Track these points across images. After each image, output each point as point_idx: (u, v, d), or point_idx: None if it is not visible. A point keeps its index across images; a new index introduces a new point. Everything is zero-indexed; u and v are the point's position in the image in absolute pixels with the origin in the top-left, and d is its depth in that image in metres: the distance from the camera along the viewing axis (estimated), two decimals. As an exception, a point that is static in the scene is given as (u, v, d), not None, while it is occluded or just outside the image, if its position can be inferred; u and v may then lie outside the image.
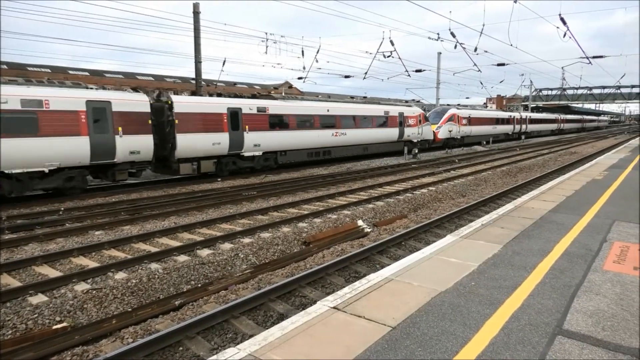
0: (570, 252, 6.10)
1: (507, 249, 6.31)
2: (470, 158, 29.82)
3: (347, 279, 7.59)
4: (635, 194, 10.86)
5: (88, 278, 7.53)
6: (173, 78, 69.58)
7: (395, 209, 13.07)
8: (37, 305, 6.35)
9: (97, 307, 6.56)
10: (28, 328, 5.86)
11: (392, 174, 21.34)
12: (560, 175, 17.86)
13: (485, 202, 13.78)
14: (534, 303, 4.42)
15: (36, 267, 8.12)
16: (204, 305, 6.53)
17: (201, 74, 23.92)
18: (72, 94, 14.83)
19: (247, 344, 3.69)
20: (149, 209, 13.08)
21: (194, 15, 23.17)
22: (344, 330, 3.91)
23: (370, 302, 4.51)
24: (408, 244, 9.56)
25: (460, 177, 19.89)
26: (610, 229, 7.40)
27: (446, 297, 4.60)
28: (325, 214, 12.21)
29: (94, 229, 10.82)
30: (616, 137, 64.11)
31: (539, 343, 3.63)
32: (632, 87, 70.43)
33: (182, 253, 8.87)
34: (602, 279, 5.08)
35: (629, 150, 27.98)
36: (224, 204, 13.85)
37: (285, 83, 58.73)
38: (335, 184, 18.19)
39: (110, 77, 62.39)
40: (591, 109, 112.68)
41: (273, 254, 9.12)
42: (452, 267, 5.56)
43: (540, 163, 26.62)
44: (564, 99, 78.02)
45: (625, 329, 3.87)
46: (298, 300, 6.74)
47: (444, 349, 3.55)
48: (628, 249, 6.29)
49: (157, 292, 7.19)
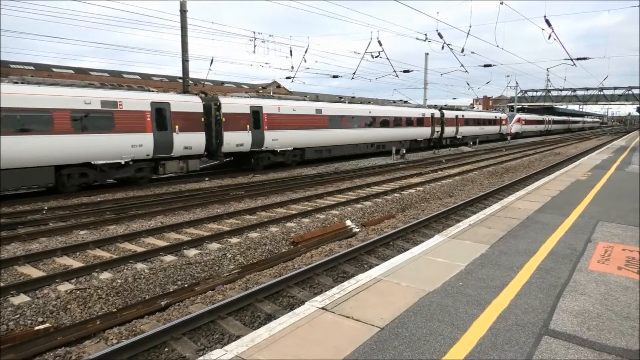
0: (556, 252, 6.17)
1: (494, 249, 6.36)
2: (457, 158, 30.06)
3: (335, 279, 7.58)
4: (617, 195, 11.03)
5: (72, 278, 7.41)
6: (160, 77, 68.92)
7: (384, 209, 13.10)
8: (19, 306, 6.22)
9: (81, 308, 6.45)
10: (9, 329, 5.74)
11: (380, 174, 21.40)
12: (545, 175, 18.08)
13: (473, 202, 13.88)
14: (520, 303, 4.45)
15: (18, 267, 7.96)
16: (191, 306, 6.46)
17: (188, 72, 23.70)
18: (140, 96, 17.09)
19: (234, 345, 3.65)
20: (135, 209, 12.92)
21: (181, 14, 22.95)
22: (332, 331, 3.89)
23: (358, 303, 4.50)
24: (396, 244, 9.58)
25: (448, 177, 20.03)
26: (594, 229, 7.51)
27: (434, 298, 4.60)
28: (313, 214, 12.19)
29: (79, 229, 10.65)
30: (599, 138, 65.19)
31: (525, 343, 3.65)
32: (615, 89, 71.74)
33: (168, 253, 8.77)
34: (587, 279, 5.14)
35: (612, 151, 28.45)
36: (212, 204, 13.75)
37: (274, 82, 58.54)
38: (323, 184, 18.18)
39: (96, 76, 61.60)
40: (575, 111, 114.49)
41: (261, 254, 9.07)
42: (440, 267, 5.58)
43: (526, 164, 26.93)
44: (549, 100, 79.13)
45: (610, 329, 3.92)
46: (286, 300, 6.70)
47: (432, 350, 3.55)
48: (612, 249, 6.38)
49: (142, 293, 7.10)
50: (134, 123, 16.60)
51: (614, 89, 71.92)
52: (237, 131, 20.59)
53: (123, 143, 16.24)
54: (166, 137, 17.61)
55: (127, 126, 16.36)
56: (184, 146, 18.32)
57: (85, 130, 15.20)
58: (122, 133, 16.18)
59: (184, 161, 18.83)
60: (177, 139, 17.94)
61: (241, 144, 20.95)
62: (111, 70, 63.52)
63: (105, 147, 15.76)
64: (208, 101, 20.01)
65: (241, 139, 20.90)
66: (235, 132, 20.53)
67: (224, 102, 20.43)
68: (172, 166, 18.38)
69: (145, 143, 16.93)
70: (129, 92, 17.09)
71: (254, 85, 70.83)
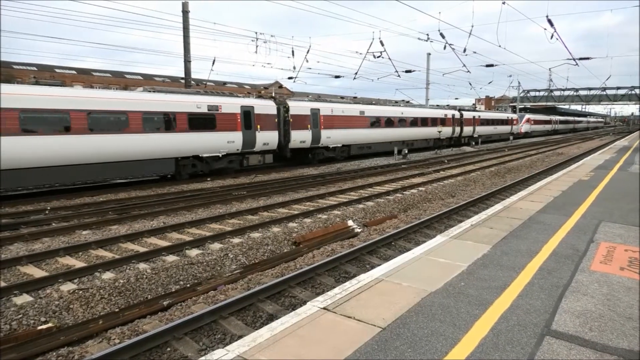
0: (558, 253, 6.15)
1: (496, 249, 6.35)
2: (460, 159, 30.02)
3: (337, 280, 7.58)
4: (620, 195, 11.00)
5: (74, 278, 7.43)
6: (162, 77, 69.02)
7: (385, 209, 13.09)
8: (22, 306, 6.24)
9: (83, 308, 6.47)
10: (12, 329, 5.76)
11: (382, 174, 21.39)
12: (547, 176, 18.04)
13: (475, 203, 13.87)
14: (522, 303, 4.44)
15: (21, 267, 7.99)
16: (193, 306, 6.47)
17: (190, 73, 23.78)
18: (233, 101, 20.88)
19: (236, 345, 3.66)
20: (137, 209, 12.95)
21: (183, 15, 23.01)
22: (333, 331, 3.89)
23: (360, 303, 4.50)
24: (398, 244, 9.57)
25: (450, 177, 20.01)
26: (596, 230, 7.48)
27: (436, 298, 4.60)
28: (315, 214, 12.19)
29: (81, 229, 10.68)
30: (602, 138, 65.05)
31: (527, 343, 3.64)
32: (618, 89, 71.55)
33: (170, 253, 8.79)
34: (590, 280, 5.13)
35: (615, 151, 28.37)
36: (214, 204, 13.77)
37: (276, 83, 58.58)
38: (325, 184, 18.19)
39: (98, 76, 61.65)
40: (578, 111, 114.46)
41: (263, 254, 9.08)
42: (441, 267, 5.58)
43: (528, 164, 26.87)
44: (551, 100, 79.00)
45: (613, 330, 3.91)
46: (288, 300, 6.71)
47: (434, 350, 3.55)
48: (614, 249, 6.36)
49: (145, 293, 7.11)
50: (229, 123, 20.38)
51: (616, 89, 71.76)
52: (301, 130, 24.36)
53: (221, 139, 20.05)
54: (251, 135, 21.43)
55: (224, 126, 20.14)
56: (263, 142, 22.17)
57: (196, 129, 18.92)
58: (221, 131, 20.00)
59: (262, 155, 22.57)
60: (258, 136, 21.81)
61: (304, 140, 24.76)
62: (113, 70, 63.58)
63: (209, 143, 19.51)
64: (279, 104, 23.69)
65: (304, 137, 24.70)
66: (300, 131, 24.30)
67: (292, 105, 24.04)
68: (253, 159, 22.20)
69: (236, 140, 20.76)
70: (226, 97, 20.99)
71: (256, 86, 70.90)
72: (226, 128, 20.21)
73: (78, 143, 15.18)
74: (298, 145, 24.53)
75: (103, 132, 15.82)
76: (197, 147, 19.07)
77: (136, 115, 16.79)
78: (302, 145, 24.81)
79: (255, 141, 21.66)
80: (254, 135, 21.54)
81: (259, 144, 21.85)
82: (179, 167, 18.79)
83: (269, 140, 22.49)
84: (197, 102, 19.02)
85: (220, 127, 19.92)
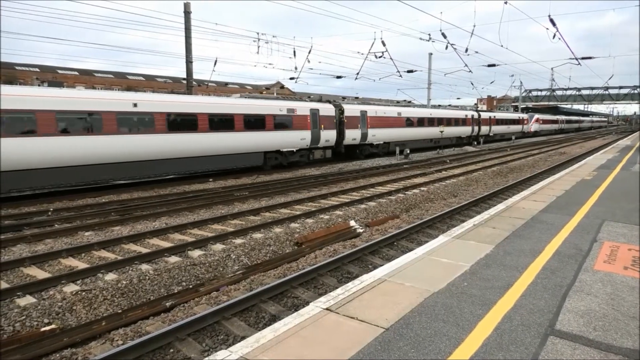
0: (561, 252, 6.13)
1: (499, 249, 6.33)
2: (461, 158, 29.97)
3: (339, 280, 7.57)
4: (623, 194, 10.97)
5: (77, 279, 7.44)
6: (164, 78, 69.07)
7: (388, 209, 13.08)
8: (25, 307, 6.25)
9: (86, 309, 6.48)
10: (15, 330, 5.77)
11: (384, 174, 21.38)
12: (550, 175, 18.00)
13: (477, 202, 13.84)
14: (526, 303, 4.43)
15: (24, 269, 8.00)
16: (195, 307, 6.47)
17: (192, 74, 23.79)
18: (305, 105, 24.91)
19: (239, 346, 3.65)
20: (139, 210, 12.97)
21: (185, 15, 23.03)
22: (336, 332, 3.88)
23: (362, 303, 4.49)
24: (400, 245, 9.56)
25: (452, 177, 19.97)
26: (600, 229, 7.46)
27: (439, 298, 4.59)
28: (317, 215, 12.19)
29: (84, 230, 10.70)
30: (604, 137, 64.93)
31: (531, 343, 3.63)
32: (620, 88, 71.39)
33: (173, 254, 8.79)
34: (593, 279, 5.11)
35: (617, 150, 28.30)
36: (216, 205, 13.77)
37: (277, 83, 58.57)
38: (327, 184, 18.18)
39: (100, 77, 61.76)
40: (581, 110, 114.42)
41: (265, 255, 9.08)
42: (444, 267, 5.57)
43: (531, 163, 26.82)
44: (553, 99, 78.86)
45: (617, 329, 3.90)
46: (290, 301, 6.70)
47: (437, 350, 3.54)
48: (618, 248, 6.34)
49: (147, 294, 7.12)
50: (302, 124, 24.16)
51: (619, 88, 71.61)
52: (352, 129, 27.96)
53: (296, 137, 23.90)
54: (317, 133, 25.13)
55: (298, 125, 23.95)
56: (325, 139, 25.86)
57: (279, 129, 22.81)
58: (296, 130, 23.85)
59: (324, 150, 26.45)
60: (322, 134, 25.51)
61: (355, 138, 28.42)
62: (115, 71, 63.63)
63: (288, 140, 23.41)
64: (336, 107, 27.30)
65: (355, 135, 28.35)
66: (352, 130, 27.93)
67: (346, 108, 27.75)
68: (317, 153, 25.93)
69: (307, 137, 24.54)
70: (298, 102, 25.26)
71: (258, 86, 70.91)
72: (300, 127, 24.02)
73: (204, 139, 19.26)
74: (350, 142, 28.11)
75: (220, 131, 19.99)
76: (279, 143, 23.02)
77: (239, 117, 20.70)
78: (353, 142, 28.44)
79: (320, 138, 25.40)
80: (319, 134, 25.28)
81: (322, 141, 25.61)
82: (266, 159, 22.53)
83: (330, 137, 26.20)
84: (280, 106, 22.97)
85: (296, 126, 23.78)
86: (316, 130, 25.03)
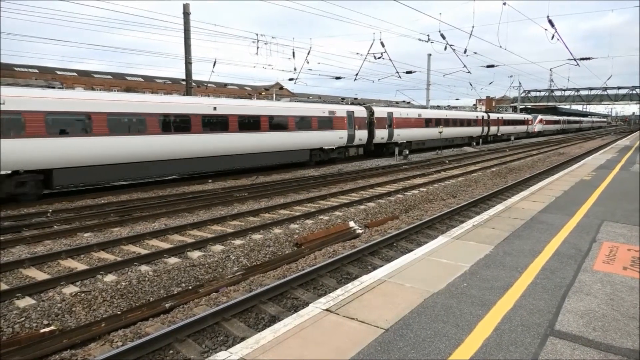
0: (561, 253, 6.14)
1: (499, 249, 6.34)
2: (461, 159, 30.00)
3: (339, 281, 7.57)
4: (622, 195, 10.99)
5: (77, 281, 7.42)
6: (163, 79, 68.99)
7: (387, 210, 13.08)
8: (24, 309, 6.24)
9: (86, 310, 6.47)
10: (15, 332, 5.76)
11: (383, 175, 21.38)
12: (549, 175, 18.02)
13: (476, 203, 13.86)
14: (525, 304, 4.43)
15: (23, 270, 7.99)
16: (195, 308, 6.47)
17: (191, 75, 23.79)
18: (342, 107, 27.82)
19: (238, 347, 3.65)
20: (138, 211, 12.95)
21: (184, 17, 23.04)
22: (336, 333, 3.88)
23: (362, 304, 4.49)
24: (400, 245, 9.56)
25: (451, 177, 19.99)
26: (599, 229, 7.47)
27: (438, 299, 4.59)
28: (316, 215, 12.19)
29: (83, 231, 10.68)
30: (603, 138, 65.02)
31: (531, 344, 3.63)
32: (619, 89, 71.51)
33: (172, 255, 8.78)
34: (593, 279, 5.12)
35: (616, 151, 28.33)
36: (215, 206, 13.76)
37: (276, 84, 58.60)
38: (326, 185, 18.18)
39: (99, 78, 61.69)
40: (580, 111, 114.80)
41: (264, 256, 9.08)
42: (444, 268, 5.57)
43: (530, 164, 26.85)
44: (552, 100, 78.94)
45: (616, 329, 3.90)
46: (290, 302, 6.70)
47: (437, 351, 3.54)
48: (617, 249, 6.35)
49: (147, 295, 7.12)
50: (341, 124, 26.81)
51: (617, 89, 71.75)
52: (381, 129, 30.91)
53: (336, 136, 26.54)
54: (352, 133, 27.85)
55: (338, 126, 26.59)
56: (359, 138, 28.61)
57: (322, 129, 25.44)
58: (336, 130, 26.45)
59: (357, 148, 29.16)
60: (357, 134, 28.25)
61: (383, 137, 31.32)
62: (114, 72, 63.57)
63: (329, 138, 26.05)
64: (367, 109, 30.25)
65: (383, 134, 31.26)
66: (380, 130, 30.87)
67: (375, 110, 30.88)
68: (352, 151, 28.77)
69: (344, 136, 27.17)
70: (337, 105, 28.45)
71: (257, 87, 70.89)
72: (339, 127, 26.65)
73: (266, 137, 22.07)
74: (379, 141, 31.01)
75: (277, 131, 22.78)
76: (322, 141, 25.62)
77: (292, 119, 23.54)
78: (381, 141, 31.25)
79: (355, 137, 28.11)
80: (354, 133, 28.00)
81: (356, 139, 28.33)
82: (311, 156, 25.29)
83: (362, 136, 28.96)
84: (322, 109, 25.79)
85: (335, 126, 26.41)
86: (352, 130, 27.72)
